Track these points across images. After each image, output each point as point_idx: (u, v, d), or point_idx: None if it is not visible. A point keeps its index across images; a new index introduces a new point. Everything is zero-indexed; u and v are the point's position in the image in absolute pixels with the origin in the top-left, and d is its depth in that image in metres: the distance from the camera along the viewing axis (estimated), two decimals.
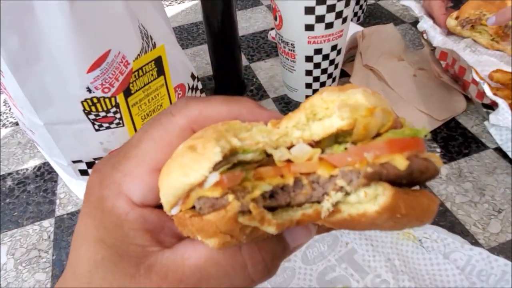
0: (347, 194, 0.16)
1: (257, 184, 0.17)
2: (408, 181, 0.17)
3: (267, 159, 0.18)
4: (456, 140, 0.54)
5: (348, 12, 0.53)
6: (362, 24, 0.81)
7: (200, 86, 0.60)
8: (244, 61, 0.75)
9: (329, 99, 0.18)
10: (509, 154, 0.48)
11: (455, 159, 0.51)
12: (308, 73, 0.58)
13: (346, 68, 0.67)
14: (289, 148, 0.18)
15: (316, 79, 0.59)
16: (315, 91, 0.61)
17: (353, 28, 0.69)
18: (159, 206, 0.19)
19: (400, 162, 0.16)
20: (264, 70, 0.72)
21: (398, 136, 0.17)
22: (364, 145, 0.17)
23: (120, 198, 0.18)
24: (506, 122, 0.46)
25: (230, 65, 0.64)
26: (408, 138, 0.17)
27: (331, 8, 0.51)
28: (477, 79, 0.53)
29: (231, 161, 0.17)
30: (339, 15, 0.52)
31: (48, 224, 0.51)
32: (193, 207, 0.17)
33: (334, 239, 0.43)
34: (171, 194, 0.17)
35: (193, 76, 0.57)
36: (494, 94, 0.52)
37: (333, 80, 0.62)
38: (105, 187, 0.19)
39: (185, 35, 0.86)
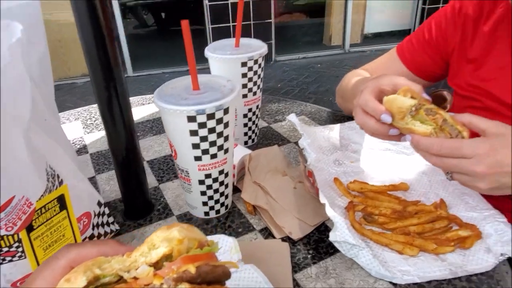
0: None
1: None
2: (202, 280, 0.28)
3: (123, 279, 0.29)
4: (324, 242, 0.66)
5: (228, 145, 0.67)
6: (257, 144, 0.98)
7: (107, 211, 0.67)
8: (154, 182, 0.85)
9: (160, 235, 0.31)
10: (354, 259, 0.60)
11: (323, 258, 0.62)
12: (203, 193, 0.69)
13: (239, 185, 0.80)
14: (137, 269, 0.30)
15: (210, 197, 0.70)
16: (211, 207, 0.72)
17: (243, 151, 0.84)
18: None
19: (191, 269, 0.28)
20: (171, 190, 0.82)
21: (193, 253, 0.29)
22: (172, 262, 0.29)
23: None
24: (343, 237, 0.59)
25: (136, 188, 0.73)
26: (201, 254, 0.30)
27: (213, 144, 0.64)
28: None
29: (95, 284, 0.28)
30: (220, 148, 0.65)
31: None
32: None
33: None
34: None
35: (99, 204, 0.65)
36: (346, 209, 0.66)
37: (226, 197, 0.73)
38: None
39: (101, 160, 0.96)
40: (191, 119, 0.60)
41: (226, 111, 0.62)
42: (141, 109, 1.23)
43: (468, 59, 0.80)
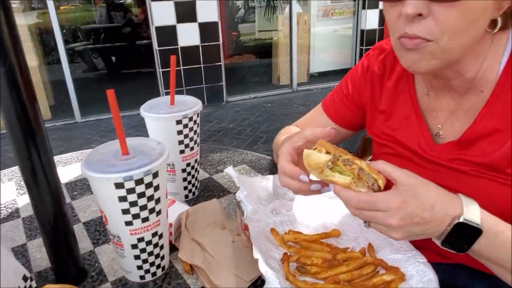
0: None
1: None
2: None
3: None
4: None
5: (161, 206, 0.67)
6: (198, 197, 0.99)
7: (34, 285, 0.64)
8: (89, 246, 0.82)
9: None
10: None
11: None
12: (137, 257, 0.69)
13: (176, 243, 0.80)
14: None
15: (145, 261, 0.69)
16: (146, 270, 0.71)
17: (181, 207, 0.84)
18: None
19: None
20: (107, 253, 0.80)
21: None
22: None
23: None
24: None
25: (67, 257, 0.71)
26: None
27: (143, 207, 0.64)
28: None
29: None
30: (152, 210, 0.66)
31: None
32: None
33: None
34: None
35: (25, 278, 0.62)
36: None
37: (162, 259, 0.72)
38: None
39: (34, 225, 0.91)
40: (119, 185, 0.60)
41: (155, 175, 0.63)
42: (78, 166, 1.21)
43: (379, 111, 0.88)
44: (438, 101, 0.78)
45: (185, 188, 0.96)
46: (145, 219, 0.65)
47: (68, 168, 1.20)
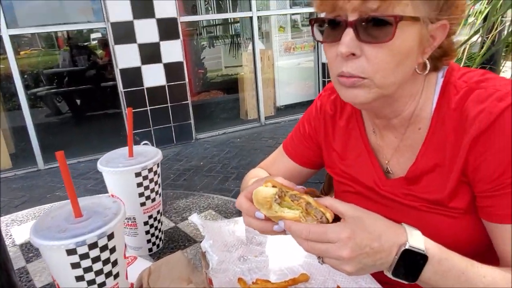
0: None
1: None
2: None
3: None
4: None
5: (118, 269, 0.64)
6: (163, 249, 0.95)
7: None
8: None
9: None
10: None
11: None
12: None
13: None
14: None
15: None
16: None
17: (143, 264, 0.81)
18: None
19: None
20: None
21: None
22: None
23: None
24: None
25: None
26: None
27: (99, 272, 0.61)
28: None
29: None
30: (109, 274, 0.62)
31: None
32: None
33: None
34: None
35: None
36: None
37: None
38: None
39: None
40: (71, 252, 0.57)
41: (110, 236, 0.61)
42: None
43: (334, 150, 0.91)
44: (383, 139, 0.82)
45: (148, 241, 0.93)
46: (102, 284, 0.62)
47: (24, 226, 1.14)
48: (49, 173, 4.37)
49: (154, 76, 4.61)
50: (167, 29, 4.55)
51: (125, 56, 4.44)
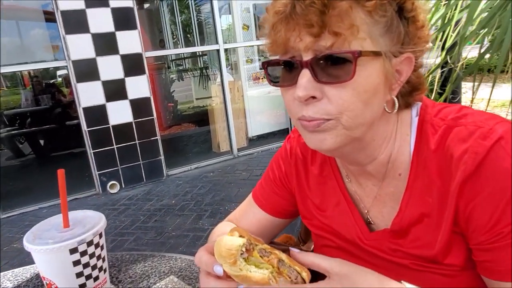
0: None
1: None
2: None
3: None
4: None
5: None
6: None
7: None
8: None
9: None
10: None
11: None
12: None
13: None
14: None
15: None
16: None
17: None
18: None
19: None
20: None
21: None
22: None
23: None
24: None
25: None
26: None
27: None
28: None
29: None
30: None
31: None
32: None
33: None
34: None
35: None
36: None
37: None
38: None
39: None
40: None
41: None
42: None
43: (310, 200, 0.81)
44: (360, 188, 0.74)
45: None
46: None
47: None
48: (7, 223, 4.03)
49: (119, 113, 4.44)
50: (132, 64, 4.43)
51: (88, 94, 4.26)
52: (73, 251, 0.68)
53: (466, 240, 0.61)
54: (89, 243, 0.70)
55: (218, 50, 5.18)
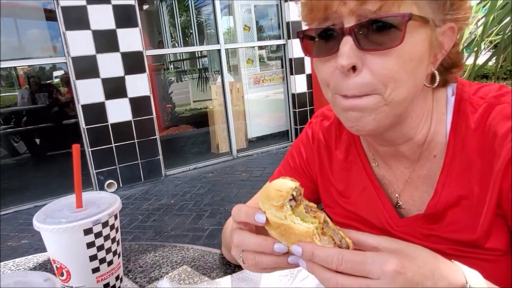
0: None
1: None
2: None
3: None
4: None
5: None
6: None
7: None
8: None
9: None
10: None
11: None
12: None
13: None
14: None
15: None
16: None
17: None
18: None
19: None
20: None
21: None
22: None
23: None
24: None
25: None
26: None
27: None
28: None
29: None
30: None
31: None
32: None
33: None
34: None
35: None
36: None
37: None
38: None
39: None
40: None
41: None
42: None
43: (333, 186, 0.78)
44: (390, 171, 0.70)
45: None
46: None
47: None
48: (2, 221, 3.95)
49: (119, 112, 4.38)
50: (133, 63, 4.38)
51: (88, 91, 4.20)
52: (87, 231, 0.64)
53: (508, 223, 0.58)
54: (104, 224, 0.66)
55: (219, 50, 5.15)
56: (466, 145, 0.60)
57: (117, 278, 0.71)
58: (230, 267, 0.88)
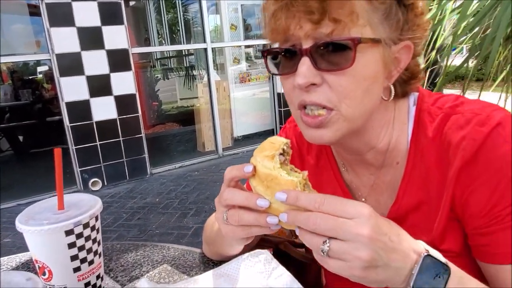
0: None
1: None
2: None
3: None
4: None
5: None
6: None
7: None
8: None
9: None
10: None
11: None
12: None
13: None
14: None
15: None
16: None
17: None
18: None
19: None
20: None
21: None
22: None
23: None
24: None
25: None
26: None
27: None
28: None
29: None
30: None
31: None
32: None
33: None
34: None
35: None
36: None
37: None
38: None
39: None
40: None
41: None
42: None
43: None
44: (357, 177, 0.74)
45: None
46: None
47: None
48: None
49: (104, 109, 4.36)
50: (118, 60, 4.36)
51: (72, 89, 4.17)
52: (68, 233, 0.66)
53: (463, 226, 0.62)
54: (85, 225, 0.68)
55: (205, 49, 5.15)
56: (425, 153, 0.64)
57: (98, 277, 0.74)
58: (209, 266, 0.92)
